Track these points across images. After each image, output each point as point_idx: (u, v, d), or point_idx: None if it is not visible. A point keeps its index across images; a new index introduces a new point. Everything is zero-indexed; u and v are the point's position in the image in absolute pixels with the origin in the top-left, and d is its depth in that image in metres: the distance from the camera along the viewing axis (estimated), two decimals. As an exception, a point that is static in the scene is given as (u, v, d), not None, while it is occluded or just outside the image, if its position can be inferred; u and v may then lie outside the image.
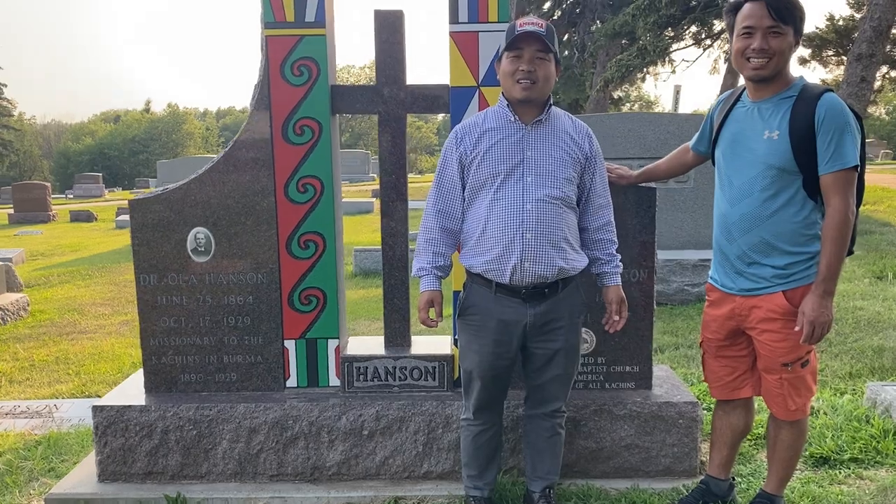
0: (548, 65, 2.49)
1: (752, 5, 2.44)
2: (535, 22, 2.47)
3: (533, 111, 2.54)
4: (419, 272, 2.66)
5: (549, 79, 2.52)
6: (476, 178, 2.54)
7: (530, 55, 2.46)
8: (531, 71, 2.46)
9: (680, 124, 6.55)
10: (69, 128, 76.90)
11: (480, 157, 2.53)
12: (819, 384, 4.24)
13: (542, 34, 2.43)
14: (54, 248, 13.85)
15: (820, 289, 2.45)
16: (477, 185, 2.55)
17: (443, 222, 2.63)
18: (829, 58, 20.23)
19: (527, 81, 2.46)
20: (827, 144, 2.39)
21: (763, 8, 2.41)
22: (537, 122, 2.54)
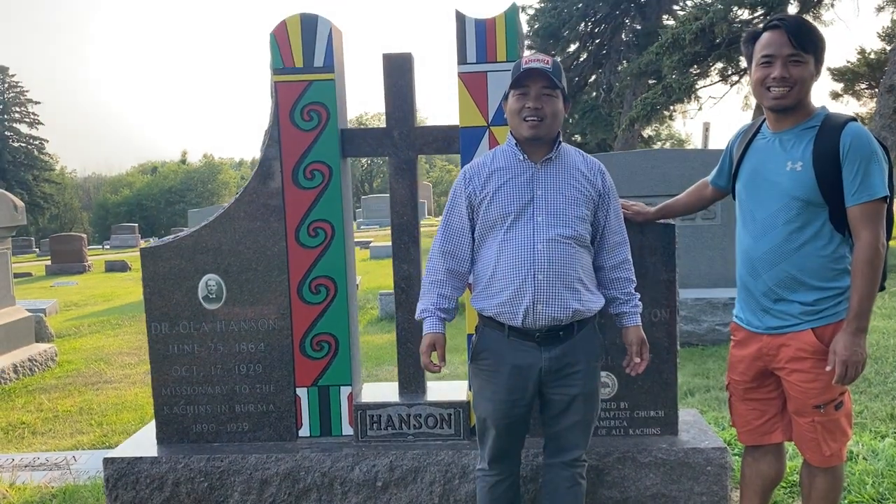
0: (555, 101, 2.43)
1: (771, 34, 2.37)
2: (540, 58, 2.42)
3: (542, 149, 2.47)
4: (422, 314, 2.58)
5: (557, 115, 2.45)
6: (486, 219, 2.48)
7: (537, 92, 2.40)
8: (538, 108, 2.39)
9: (704, 160, 6.45)
10: (108, 180, 78.87)
11: (489, 197, 2.46)
12: (857, 427, 4.03)
13: (547, 70, 2.38)
14: (88, 298, 14.05)
15: (852, 326, 2.32)
16: (487, 226, 2.48)
17: (449, 264, 2.56)
18: (861, 91, 20.00)
19: (534, 119, 2.40)
20: (854, 175, 2.29)
21: (783, 36, 2.34)
22: (547, 161, 2.47)
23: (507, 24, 3.07)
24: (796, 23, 2.37)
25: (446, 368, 6.14)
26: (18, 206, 7.13)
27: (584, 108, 23.71)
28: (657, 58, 13.64)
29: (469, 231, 2.53)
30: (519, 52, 3.08)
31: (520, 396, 2.49)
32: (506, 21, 3.07)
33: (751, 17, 13.03)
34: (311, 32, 3.11)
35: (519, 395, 2.49)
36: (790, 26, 2.34)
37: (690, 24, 12.75)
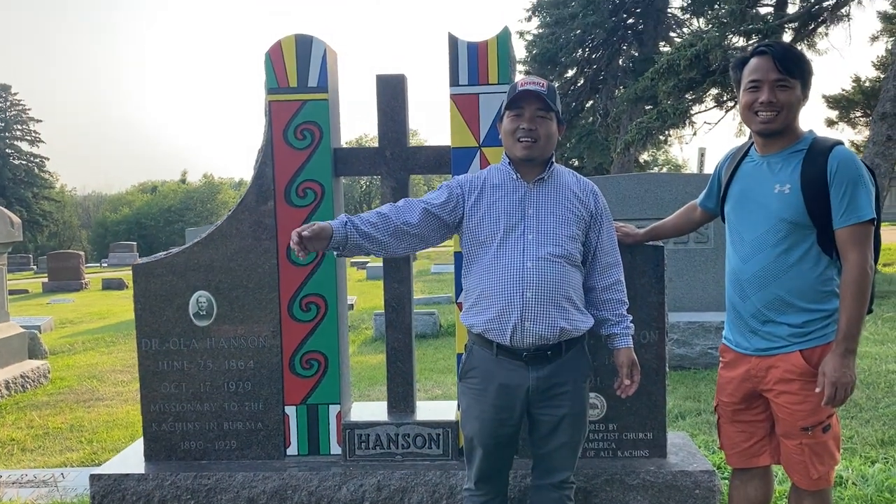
0: (549, 123, 2.45)
1: (758, 59, 2.41)
2: (535, 81, 2.45)
3: (535, 170, 2.50)
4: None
5: (551, 137, 2.47)
6: (476, 235, 2.49)
7: (531, 114, 2.42)
8: (532, 129, 2.42)
9: (698, 184, 6.48)
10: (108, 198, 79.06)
11: (481, 213, 2.47)
12: (847, 452, 4.03)
13: (542, 93, 2.41)
14: (83, 315, 14.02)
15: (841, 347, 2.33)
16: (477, 242, 2.49)
17: (388, 210, 2.47)
18: (857, 119, 20.15)
19: (528, 140, 2.42)
20: (841, 198, 2.32)
21: (770, 61, 2.38)
22: (539, 180, 2.49)
23: (498, 47, 3.11)
24: (783, 49, 2.41)
25: (439, 389, 6.14)
26: (15, 222, 7.14)
27: (580, 132, 23.88)
28: (652, 83, 13.76)
29: (427, 211, 2.46)
30: (511, 75, 3.12)
31: (507, 416, 2.49)
32: (497, 44, 3.11)
33: (745, 44, 13.18)
34: (305, 53, 3.15)
35: (506, 415, 2.49)
36: (777, 52, 2.38)
37: (685, 51, 12.89)
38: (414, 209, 2.47)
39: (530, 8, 23.20)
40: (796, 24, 13.51)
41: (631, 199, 6.61)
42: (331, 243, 2.35)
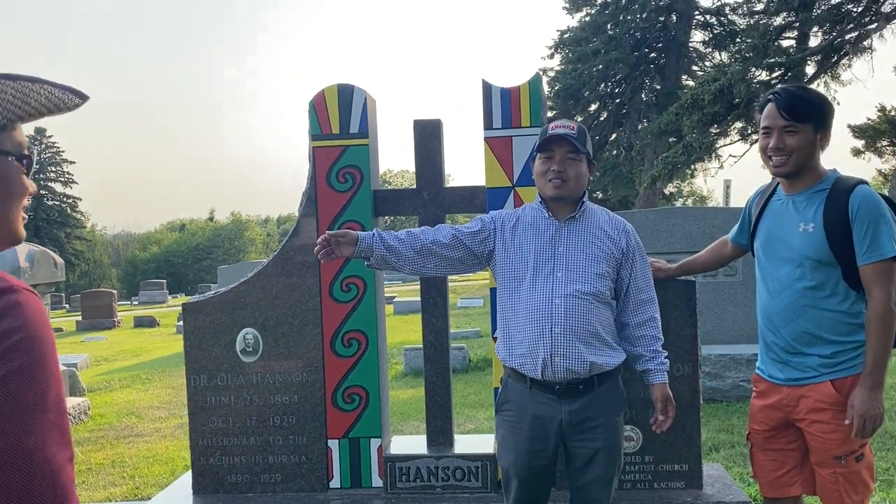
0: (579, 164, 2.56)
1: (769, 106, 2.53)
2: (566, 125, 2.57)
3: (566, 208, 2.60)
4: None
5: (581, 178, 2.57)
6: (508, 270, 2.58)
7: (561, 156, 2.53)
8: (562, 171, 2.52)
9: (725, 218, 6.55)
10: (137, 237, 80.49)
11: (514, 249, 2.57)
12: (885, 484, 4.03)
13: (572, 136, 2.52)
14: (117, 353, 14.27)
15: (868, 381, 2.40)
16: (509, 277, 2.59)
17: (423, 229, 2.63)
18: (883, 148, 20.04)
19: (558, 181, 2.53)
20: (863, 236, 2.40)
21: (776, 109, 2.49)
22: (570, 219, 2.58)
23: (530, 92, 3.26)
24: (788, 95, 2.51)
25: (471, 423, 6.20)
26: (58, 263, 7.39)
27: (605, 165, 24.00)
28: (677, 118, 13.89)
29: (457, 237, 2.59)
30: (542, 117, 3.26)
31: (542, 447, 2.55)
32: (529, 89, 3.26)
33: (768, 77, 13.29)
34: (347, 101, 3.32)
35: (541, 447, 2.55)
36: (782, 100, 2.49)
37: (709, 86, 13.02)
38: (445, 232, 2.61)
39: (553, 45, 23.55)
40: (819, 57, 13.60)
41: (660, 233, 6.69)
42: (356, 251, 2.52)
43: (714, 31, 22.59)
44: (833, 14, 12.99)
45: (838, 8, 13.10)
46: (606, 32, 21.75)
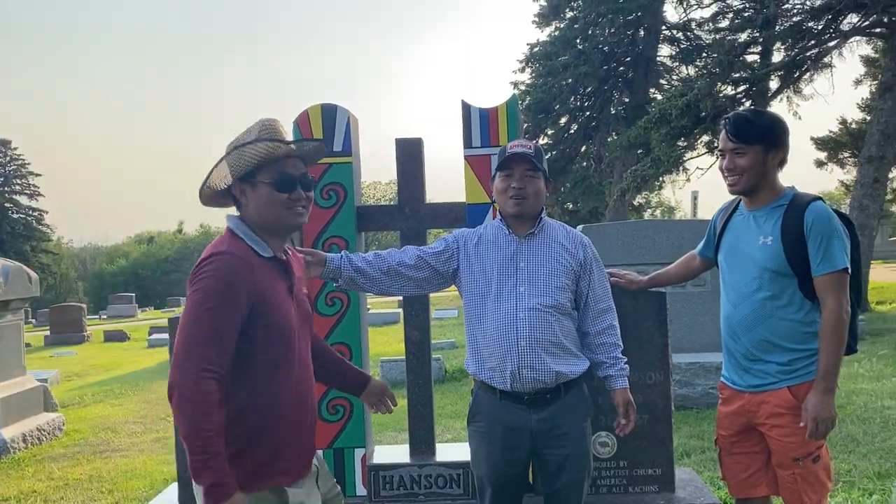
0: (537, 182, 2.67)
1: (722, 131, 2.74)
2: (523, 144, 2.69)
3: (525, 225, 2.70)
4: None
5: (539, 194, 2.68)
6: (472, 287, 2.68)
7: (520, 174, 2.64)
8: (521, 188, 2.63)
9: (693, 230, 6.75)
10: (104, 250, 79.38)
11: (477, 266, 2.68)
12: (846, 485, 4.21)
13: (530, 155, 2.64)
14: (88, 368, 14.12)
15: (821, 386, 2.56)
16: (473, 294, 2.69)
17: (389, 252, 2.75)
18: (845, 159, 20.62)
19: (518, 198, 2.64)
20: (817, 249, 2.57)
21: (725, 132, 2.71)
22: (530, 235, 2.69)
23: (508, 112, 3.40)
24: (736, 120, 2.70)
25: (448, 433, 6.30)
26: (33, 278, 7.36)
27: (575, 178, 24.31)
28: (645, 131, 14.19)
29: (422, 258, 2.72)
30: (519, 136, 3.40)
31: (514, 456, 2.64)
32: (507, 110, 3.40)
33: (734, 92, 13.66)
34: (330, 120, 3.42)
35: (513, 455, 2.64)
36: (730, 125, 2.69)
37: (677, 100, 13.35)
38: (410, 254, 2.73)
39: (523, 59, 23.84)
40: (782, 73, 14.01)
41: (630, 245, 6.87)
42: (324, 272, 2.65)
43: (681, 45, 23.07)
44: (795, 31, 13.41)
45: (799, 25, 13.52)
46: (576, 47, 22.08)
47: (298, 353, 2.16)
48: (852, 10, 12.76)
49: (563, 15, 23.35)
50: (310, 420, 2.21)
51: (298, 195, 2.14)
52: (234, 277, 1.98)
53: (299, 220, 2.17)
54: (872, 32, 13.51)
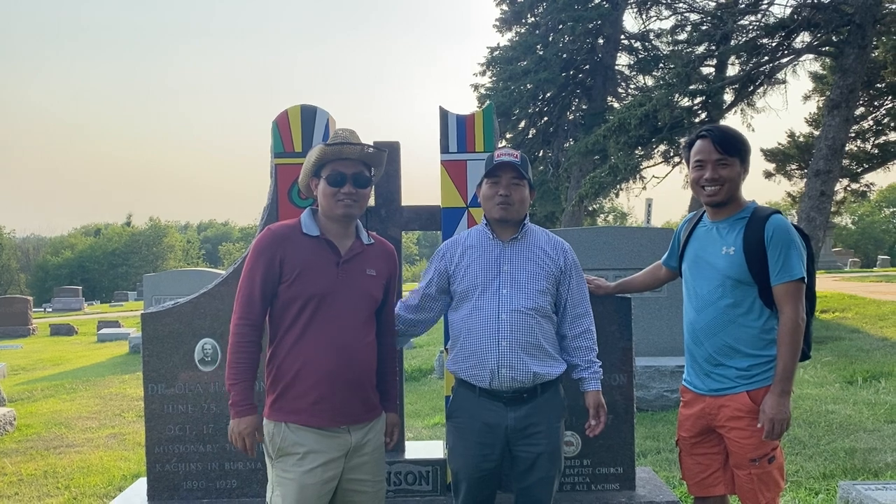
0: (522, 189, 2.80)
1: (701, 142, 2.85)
2: (510, 153, 2.80)
3: (510, 230, 2.83)
4: None
5: (524, 201, 2.82)
6: (458, 289, 2.81)
7: (507, 181, 2.77)
8: (507, 195, 2.76)
9: (651, 237, 6.95)
10: (49, 241, 77.08)
11: (463, 271, 2.80)
12: (793, 485, 4.42)
13: (517, 164, 2.77)
14: (35, 362, 13.78)
15: (778, 388, 2.71)
16: (460, 296, 2.81)
17: (401, 308, 2.95)
18: (792, 171, 21.26)
19: (504, 205, 2.76)
20: (776, 259, 2.73)
21: (710, 144, 2.82)
22: (514, 240, 2.81)
23: (484, 120, 3.49)
24: (721, 133, 2.85)
25: (410, 433, 6.36)
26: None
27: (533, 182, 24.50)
28: (604, 139, 14.47)
29: (429, 295, 2.89)
30: (495, 143, 3.49)
31: (490, 452, 2.76)
32: (483, 117, 3.49)
33: (690, 104, 14.03)
34: (309, 121, 3.47)
35: (489, 451, 2.75)
36: (716, 136, 2.83)
37: (636, 110, 13.65)
38: (419, 298, 2.92)
39: (484, 63, 24.01)
40: (737, 86, 14.43)
41: (590, 249, 7.03)
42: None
43: (639, 55, 23.49)
44: (750, 46, 13.83)
45: (754, 41, 13.95)
46: (536, 52, 22.31)
47: (339, 317, 2.56)
48: (805, 28, 13.23)
49: (525, 20, 23.57)
50: (349, 382, 2.56)
51: (348, 190, 2.57)
52: (263, 247, 2.58)
53: (347, 211, 2.59)
54: (822, 51, 14.01)
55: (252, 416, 2.54)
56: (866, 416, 6.04)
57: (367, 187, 2.66)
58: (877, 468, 4.71)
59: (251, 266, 2.58)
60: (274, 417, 2.56)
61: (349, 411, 2.58)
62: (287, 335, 2.57)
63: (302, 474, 2.50)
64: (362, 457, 2.63)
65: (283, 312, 2.58)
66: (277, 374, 2.58)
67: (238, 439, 2.54)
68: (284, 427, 2.53)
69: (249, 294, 2.56)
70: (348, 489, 2.62)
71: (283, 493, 2.51)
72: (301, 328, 2.55)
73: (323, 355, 2.54)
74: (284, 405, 2.55)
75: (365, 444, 2.63)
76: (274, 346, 2.61)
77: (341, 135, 2.63)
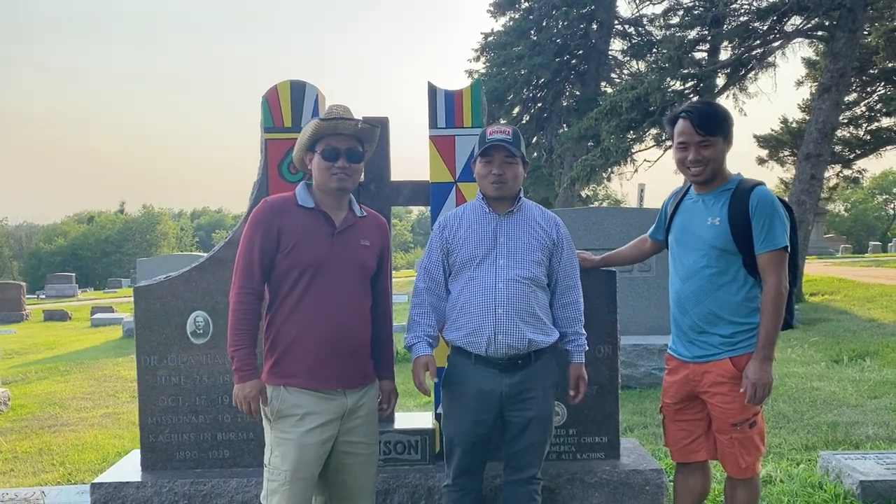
0: (515, 167, 2.88)
1: (682, 122, 2.90)
2: (503, 130, 2.87)
3: (505, 204, 2.91)
4: (412, 341, 2.93)
5: (517, 178, 2.90)
6: (456, 260, 2.89)
7: (500, 160, 2.85)
8: (501, 174, 2.84)
9: (641, 217, 7.02)
10: (41, 229, 76.83)
11: (461, 242, 2.88)
12: (776, 456, 4.51)
13: (508, 142, 2.83)
14: (29, 346, 13.81)
15: (760, 354, 2.79)
16: (457, 267, 2.90)
17: (430, 299, 2.95)
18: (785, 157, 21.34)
19: (498, 183, 2.85)
20: (760, 229, 2.79)
21: (691, 126, 2.87)
22: (509, 213, 2.90)
23: (472, 95, 3.54)
24: (701, 113, 2.88)
25: (401, 411, 6.44)
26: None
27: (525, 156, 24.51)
28: (596, 123, 14.52)
29: (443, 271, 2.94)
30: (483, 119, 3.54)
31: (484, 417, 2.85)
32: (471, 93, 3.54)
33: (682, 87, 14.07)
34: (299, 97, 3.51)
35: (483, 416, 2.84)
36: (695, 117, 2.86)
37: (627, 93, 13.69)
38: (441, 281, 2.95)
39: (478, 49, 23.97)
40: (728, 70, 14.48)
41: (580, 230, 7.10)
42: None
43: (632, 40, 23.47)
44: (741, 30, 13.87)
45: (746, 25, 13.99)
46: (530, 38, 22.29)
47: (335, 285, 2.66)
48: (796, 12, 13.27)
49: (519, 5, 23.52)
50: (345, 347, 2.67)
51: (342, 164, 2.65)
52: (260, 218, 2.65)
53: (340, 184, 2.67)
54: (814, 35, 14.05)
55: (256, 379, 2.64)
56: (850, 392, 6.15)
57: (360, 162, 2.77)
58: (858, 440, 4.82)
59: (249, 236, 2.65)
60: (272, 381, 2.66)
61: (345, 375, 2.68)
62: (284, 303, 2.67)
63: (301, 434, 2.60)
64: (357, 420, 2.72)
65: (281, 281, 2.67)
66: (276, 340, 2.68)
67: (243, 403, 2.63)
68: (283, 390, 2.64)
69: (249, 263, 2.64)
70: (343, 451, 2.71)
71: (282, 453, 2.60)
72: (298, 296, 2.65)
73: (320, 322, 2.64)
74: (283, 369, 2.65)
75: (360, 407, 2.73)
76: (272, 314, 2.71)
77: (335, 111, 2.70)
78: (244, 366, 2.62)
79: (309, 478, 2.63)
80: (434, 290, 2.95)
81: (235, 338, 2.63)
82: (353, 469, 2.77)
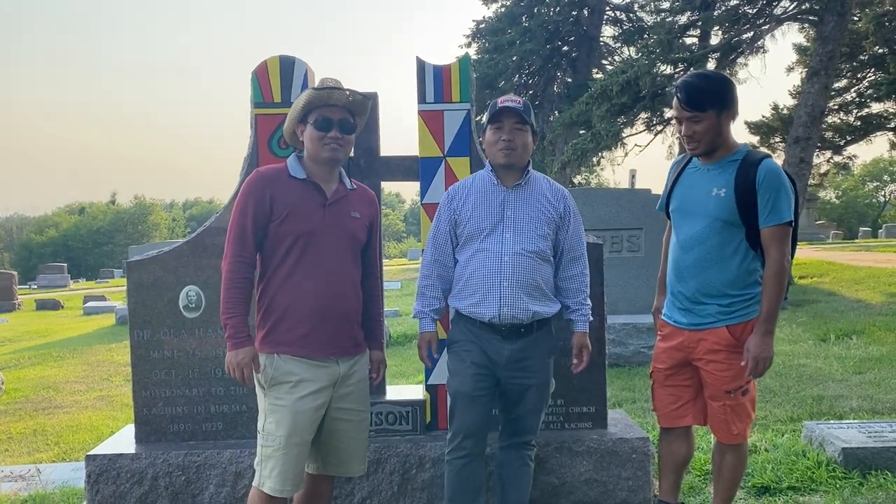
0: (525, 134, 2.90)
1: (675, 100, 2.92)
2: (513, 99, 2.91)
3: (513, 175, 2.94)
4: (417, 315, 3.02)
5: (527, 146, 2.92)
6: (464, 232, 2.94)
7: (510, 126, 2.87)
8: (510, 140, 2.87)
9: (630, 198, 7.07)
10: (33, 220, 76.48)
11: (468, 214, 2.92)
12: (761, 427, 4.59)
13: (519, 109, 2.86)
14: (22, 334, 13.81)
15: (762, 328, 2.82)
16: (464, 238, 2.94)
17: (438, 271, 3.00)
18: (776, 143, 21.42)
19: (507, 150, 2.87)
20: (766, 202, 2.80)
21: (678, 102, 2.88)
22: (517, 186, 2.93)
23: (460, 70, 3.57)
24: (688, 88, 2.85)
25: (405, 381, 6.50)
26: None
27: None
28: (587, 108, 14.54)
29: (451, 242, 2.99)
30: (471, 94, 3.58)
31: (485, 374, 2.91)
32: (460, 68, 3.57)
33: (672, 72, 14.09)
34: (288, 72, 3.54)
35: (484, 372, 2.90)
36: (682, 95, 2.85)
37: (617, 77, 13.71)
38: (449, 252, 3.00)
39: (470, 35, 23.92)
40: (718, 55, 14.51)
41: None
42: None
43: (623, 26, 23.46)
44: (731, 14, 13.89)
45: (735, 9, 14.01)
46: (521, 24, 22.23)
47: (327, 255, 2.71)
48: (785, -5, 13.30)
49: (510, -8, 23.46)
50: (337, 315, 2.71)
51: (335, 135, 2.68)
52: (253, 188, 2.68)
53: (333, 154, 2.71)
54: (803, 18, 14.09)
55: (249, 346, 2.67)
56: (836, 368, 6.24)
57: (352, 133, 2.80)
58: (842, 412, 4.90)
59: (242, 206, 2.68)
60: (266, 349, 2.70)
61: (337, 343, 2.73)
62: (277, 272, 2.71)
63: (295, 401, 2.64)
64: (348, 387, 2.77)
65: (273, 250, 2.71)
66: (269, 309, 2.72)
67: (236, 370, 2.65)
68: (277, 358, 2.68)
69: (241, 232, 2.67)
70: (335, 417, 2.77)
71: (276, 420, 2.65)
72: (291, 265, 2.69)
73: (312, 291, 2.69)
74: (276, 338, 2.69)
75: (351, 374, 2.78)
76: (264, 283, 2.75)
77: (327, 82, 2.74)
78: (237, 333, 2.65)
79: (303, 443, 2.68)
80: (442, 260, 3.01)
81: (228, 305, 2.66)
82: (346, 435, 2.82)
